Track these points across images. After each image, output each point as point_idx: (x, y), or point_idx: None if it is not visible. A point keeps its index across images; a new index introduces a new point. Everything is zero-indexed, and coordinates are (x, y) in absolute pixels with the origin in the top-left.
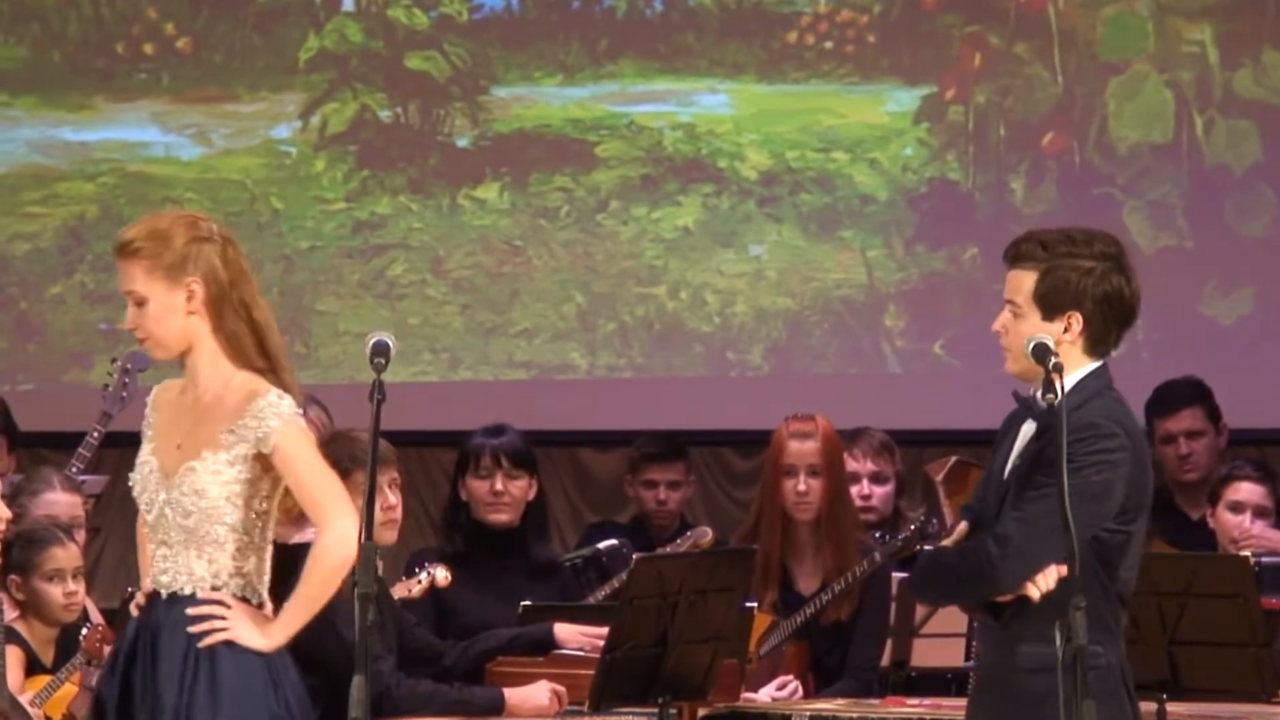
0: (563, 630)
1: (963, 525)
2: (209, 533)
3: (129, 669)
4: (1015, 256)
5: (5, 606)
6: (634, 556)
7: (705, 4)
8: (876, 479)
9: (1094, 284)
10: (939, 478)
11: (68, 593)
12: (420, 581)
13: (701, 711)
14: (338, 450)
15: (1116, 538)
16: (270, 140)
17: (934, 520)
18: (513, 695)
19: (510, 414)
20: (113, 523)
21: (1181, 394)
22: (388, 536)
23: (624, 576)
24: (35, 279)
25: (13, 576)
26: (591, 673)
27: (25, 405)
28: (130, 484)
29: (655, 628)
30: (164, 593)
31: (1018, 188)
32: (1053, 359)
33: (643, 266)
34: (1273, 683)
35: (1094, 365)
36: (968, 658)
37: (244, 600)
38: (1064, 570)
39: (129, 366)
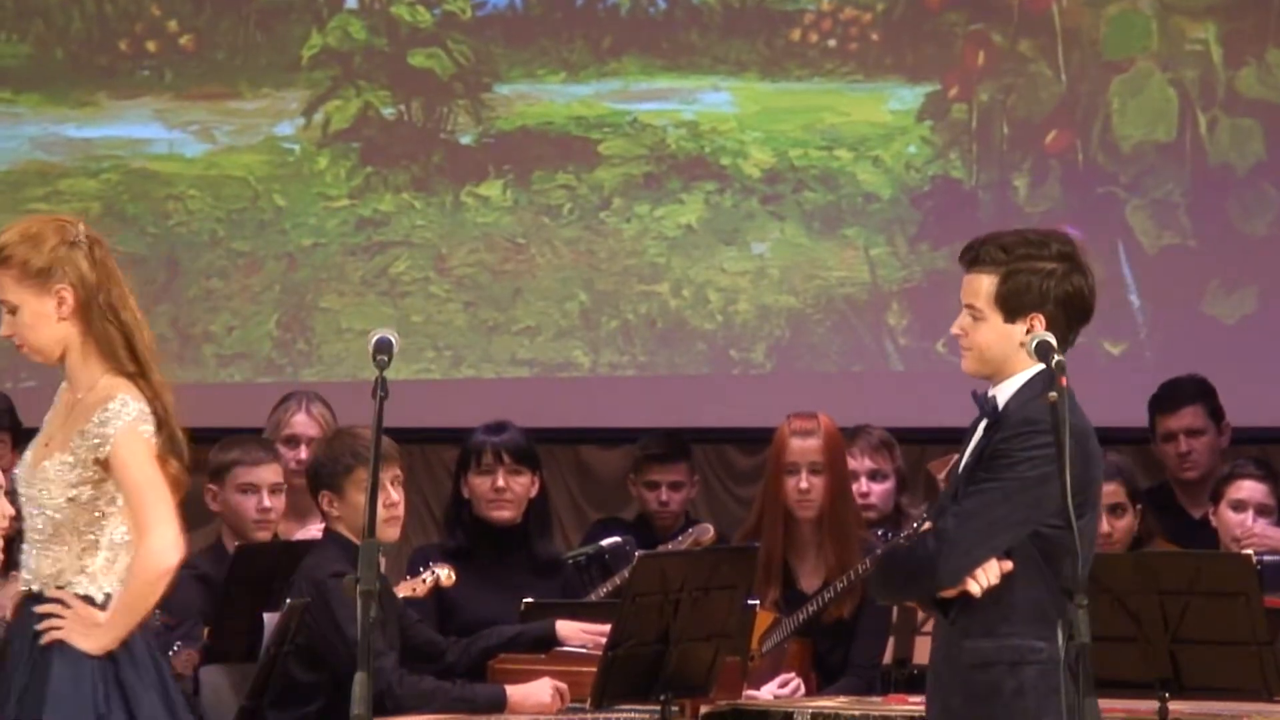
0: (565, 627)
1: (927, 524)
2: (55, 533)
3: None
4: (973, 260)
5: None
6: (636, 554)
7: (709, 2)
8: (875, 476)
9: (1055, 285)
10: (941, 475)
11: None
12: (425, 581)
13: (703, 709)
14: (340, 448)
15: (1059, 533)
16: (273, 137)
17: (921, 520)
18: (515, 692)
19: (513, 411)
20: None
21: (1183, 392)
22: (390, 533)
23: (626, 574)
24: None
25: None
26: (593, 670)
27: (29, 402)
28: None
29: (658, 625)
30: (31, 590)
31: (1021, 186)
32: (1055, 357)
33: (646, 264)
34: (1275, 681)
35: None
36: None
37: (87, 599)
38: (1006, 566)
39: None
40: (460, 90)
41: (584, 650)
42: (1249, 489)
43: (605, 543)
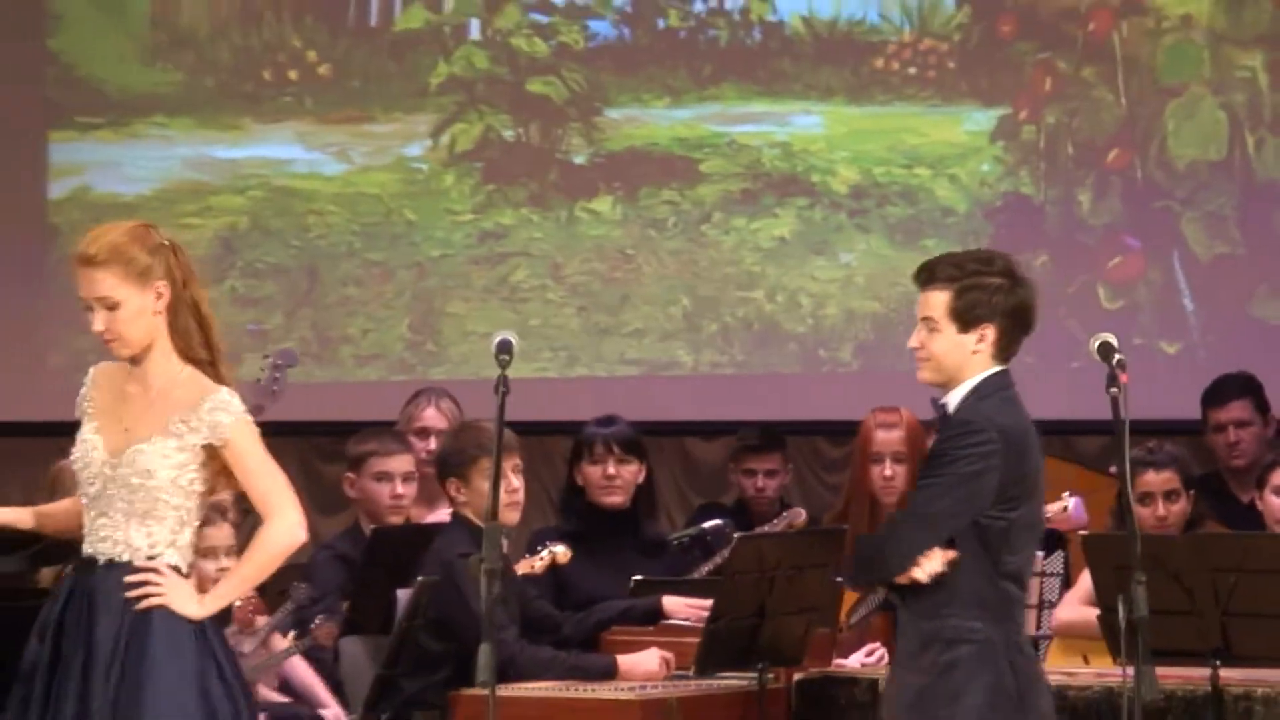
0: (671, 602)
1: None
2: (151, 509)
3: (59, 635)
4: (929, 279)
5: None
6: (735, 536)
7: (800, 32)
8: None
9: (1004, 299)
10: None
11: (220, 569)
12: (542, 558)
13: (796, 676)
14: (466, 440)
15: (997, 524)
16: (404, 157)
17: None
18: (625, 661)
19: (622, 406)
20: None
21: (1232, 387)
22: (511, 517)
23: (726, 554)
24: None
25: None
26: (697, 641)
27: None
28: (72, 459)
29: (754, 600)
30: (102, 559)
31: (1084, 200)
32: (1116, 356)
33: (743, 272)
34: None
35: (996, 369)
36: (1037, 628)
37: (175, 569)
38: (951, 555)
39: (279, 363)
40: (573, 114)
41: (688, 623)
42: None
43: (706, 525)
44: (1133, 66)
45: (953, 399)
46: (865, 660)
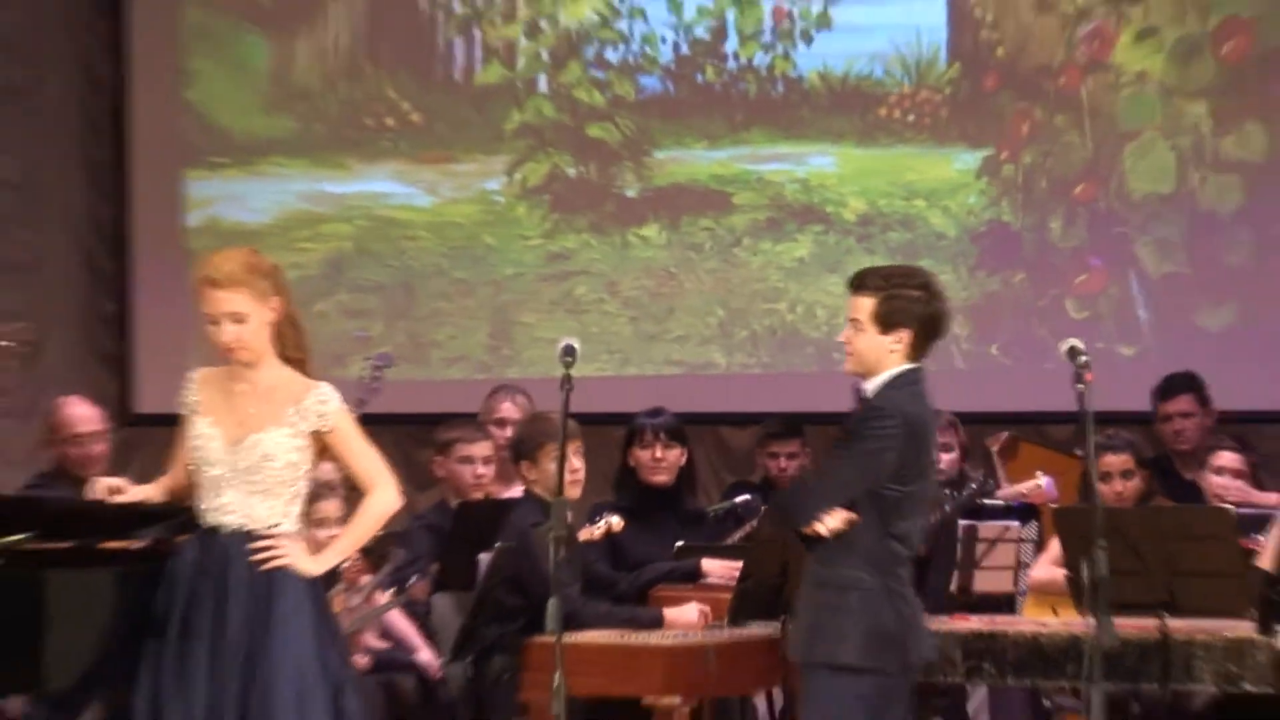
0: (708, 564)
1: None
2: (270, 486)
3: (190, 594)
4: (859, 285)
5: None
6: (762, 509)
7: (816, 86)
8: (944, 449)
9: (921, 309)
10: (995, 448)
11: (330, 535)
12: (600, 527)
13: None
14: (536, 428)
15: (892, 494)
16: (484, 191)
17: (990, 480)
18: (670, 613)
19: (667, 400)
20: None
21: (1178, 384)
22: (574, 493)
23: (754, 524)
24: (304, 299)
25: None
26: (729, 596)
27: None
28: (193, 448)
29: (778, 562)
30: (226, 529)
31: (1055, 227)
32: (1082, 358)
33: (768, 288)
34: (1246, 604)
35: (909, 367)
36: (1015, 585)
37: (290, 537)
38: (851, 516)
39: (379, 364)
40: (626, 155)
41: (722, 582)
42: (1227, 459)
43: (738, 500)
44: (1097, 114)
45: (870, 387)
46: None
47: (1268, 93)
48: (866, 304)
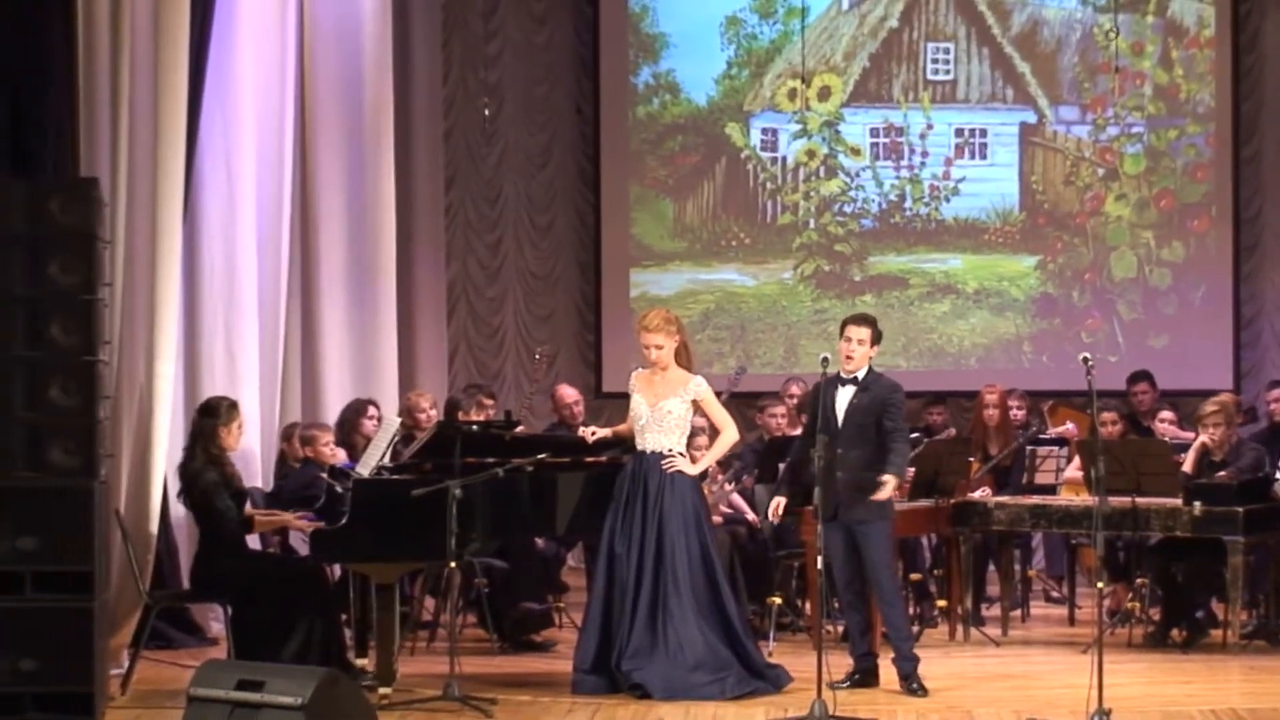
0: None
1: (823, 438)
2: (670, 430)
3: (633, 486)
4: (860, 321)
5: None
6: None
7: (950, 224)
8: (1016, 409)
9: (878, 336)
10: (1045, 409)
11: (701, 454)
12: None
13: (952, 501)
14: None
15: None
16: (781, 279)
17: (1043, 425)
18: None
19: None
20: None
21: (1140, 375)
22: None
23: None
24: (690, 333)
25: None
26: (909, 484)
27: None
28: (632, 409)
29: (934, 467)
30: (649, 452)
31: (1075, 295)
32: (1089, 362)
33: (927, 327)
34: (1176, 489)
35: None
36: (1056, 480)
37: (681, 455)
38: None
39: (738, 372)
40: (854, 259)
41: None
42: (1166, 415)
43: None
44: (1095, 238)
45: (860, 374)
46: (980, 496)
47: (1184, 227)
48: (863, 331)
